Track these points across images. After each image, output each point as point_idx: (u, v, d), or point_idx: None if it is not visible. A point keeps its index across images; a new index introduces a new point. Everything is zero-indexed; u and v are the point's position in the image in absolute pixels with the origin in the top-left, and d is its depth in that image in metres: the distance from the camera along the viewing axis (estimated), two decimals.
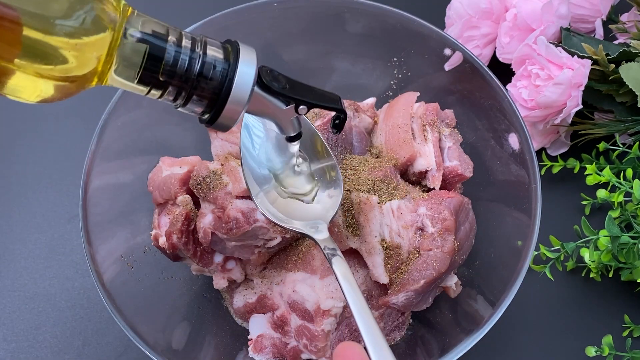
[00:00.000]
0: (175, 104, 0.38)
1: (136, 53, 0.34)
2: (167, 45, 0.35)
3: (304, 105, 0.41)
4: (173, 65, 0.35)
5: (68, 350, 0.60)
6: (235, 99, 0.37)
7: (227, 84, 0.36)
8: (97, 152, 0.54)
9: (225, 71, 0.36)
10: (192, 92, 0.36)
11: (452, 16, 0.70)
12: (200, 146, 0.60)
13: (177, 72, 0.35)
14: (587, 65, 0.61)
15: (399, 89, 0.64)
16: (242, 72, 0.36)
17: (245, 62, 0.37)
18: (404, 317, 0.54)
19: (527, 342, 0.60)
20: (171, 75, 0.35)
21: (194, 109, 0.38)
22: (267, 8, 0.61)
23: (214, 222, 0.50)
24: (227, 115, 0.37)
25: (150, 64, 0.35)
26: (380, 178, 0.53)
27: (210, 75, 0.36)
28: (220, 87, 0.36)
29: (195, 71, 0.36)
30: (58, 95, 0.34)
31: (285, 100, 0.40)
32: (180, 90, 0.36)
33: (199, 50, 0.36)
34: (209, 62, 0.36)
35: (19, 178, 0.69)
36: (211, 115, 0.38)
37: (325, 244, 0.45)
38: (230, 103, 0.37)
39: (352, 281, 0.41)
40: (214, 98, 0.37)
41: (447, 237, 0.50)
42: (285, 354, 0.51)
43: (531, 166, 0.53)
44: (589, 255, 0.58)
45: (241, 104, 0.37)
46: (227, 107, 0.37)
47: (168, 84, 0.36)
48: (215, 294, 0.58)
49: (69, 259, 0.64)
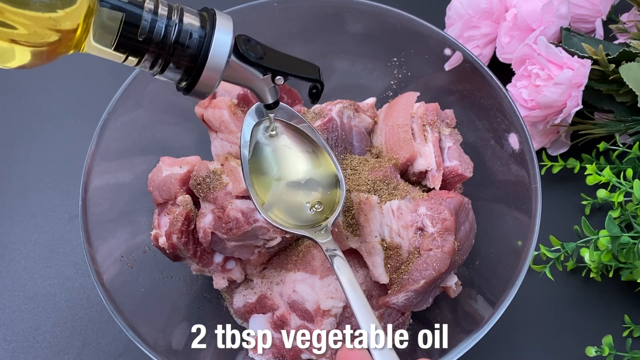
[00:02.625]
0: (153, 72, 0.38)
1: (113, 20, 0.35)
2: (144, 13, 0.35)
3: (280, 76, 0.41)
4: (149, 32, 0.36)
5: (68, 350, 0.60)
6: (211, 67, 0.37)
7: (203, 52, 0.37)
8: (97, 152, 0.54)
9: (202, 39, 0.37)
10: (168, 59, 0.37)
11: (452, 16, 0.70)
12: (200, 146, 0.60)
13: (154, 40, 0.36)
14: (587, 65, 0.61)
15: (399, 89, 0.64)
16: (219, 40, 0.37)
17: (221, 31, 0.37)
18: (404, 317, 0.54)
19: (527, 342, 0.60)
20: (147, 42, 0.36)
21: (171, 76, 0.38)
22: (267, 8, 0.61)
23: (214, 222, 0.50)
24: (204, 82, 0.38)
25: (126, 31, 0.35)
26: (380, 178, 0.53)
27: (186, 43, 0.37)
28: (196, 54, 0.37)
29: (172, 39, 0.36)
30: (35, 62, 0.35)
31: (262, 70, 0.40)
32: (157, 57, 0.37)
33: (176, 18, 0.36)
34: (186, 29, 0.37)
35: (19, 178, 0.69)
36: (188, 83, 0.38)
37: (327, 247, 0.45)
38: (207, 70, 0.37)
39: (355, 285, 0.41)
40: (190, 66, 0.37)
41: (447, 237, 0.50)
42: (285, 354, 0.51)
43: (531, 166, 0.53)
44: (589, 255, 0.58)
45: (217, 71, 0.37)
46: (204, 75, 0.37)
47: (145, 51, 0.36)
48: (215, 294, 0.58)
49: (69, 259, 0.64)
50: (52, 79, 0.75)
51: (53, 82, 0.75)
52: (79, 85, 0.75)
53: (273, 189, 0.49)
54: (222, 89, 0.58)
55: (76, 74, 0.75)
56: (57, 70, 0.75)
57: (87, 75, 0.75)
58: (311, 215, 0.48)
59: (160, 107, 0.60)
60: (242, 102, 0.58)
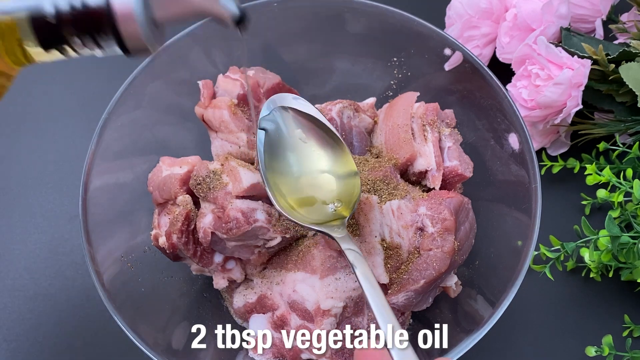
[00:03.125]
0: (95, 52, 0.36)
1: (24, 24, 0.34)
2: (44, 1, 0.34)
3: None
4: (57, 14, 0.34)
5: (68, 350, 0.60)
6: (124, 17, 0.34)
7: (108, 5, 0.33)
8: (97, 152, 0.54)
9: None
10: (92, 32, 0.34)
11: (452, 16, 0.70)
12: (200, 146, 0.60)
13: (64, 20, 0.34)
14: (587, 65, 0.61)
15: (399, 89, 0.64)
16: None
17: None
18: (404, 317, 0.54)
19: (527, 342, 0.60)
20: (59, 25, 0.34)
21: (110, 46, 0.35)
22: (267, 8, 0.61)
23: (214, 222, 0.50)
24: (130, 36, 0.34)
25: (37, 27, 0.34)
26: (380, 178, 0.53)
27: (92, 4, 0.34)
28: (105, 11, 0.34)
29: (77, 7, 0.34)
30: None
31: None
32: (80, 35, 0.34)
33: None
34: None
35: (19, 178, 0.69)
36: (118, 43, 0.35)
37: (343, 242, 0.45)
38: (122, 23, 0.34)
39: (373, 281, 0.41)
40: (110, 25, 0.34)
41: (447, 237, 0.50)
42: (285, 354, 0.51)
43: (531, 166, 0.53)
44: (589, 255, 0.58)
45: (133, 18, 0.34)
46: (123, 28, 0.34)
47: (65, 35, 0.34)
48: (215, 294, 0.58)
49: (69, 259, 0.64)
50: (52, 79, 0.75)
51: (53, 82, 0.75)
52: (79, 85, 0.75)
53: (289, 183, 0.49)
54: (222, 89, 0.58)
55: (76, 74, 0.75)
56: (58, 70, 0.75)
57: (87, 75, 0.75)
58: (329, 212, 0.48)
59: (160, 107, 0.60)
60: (242, 102, 0.58)
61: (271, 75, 0.61)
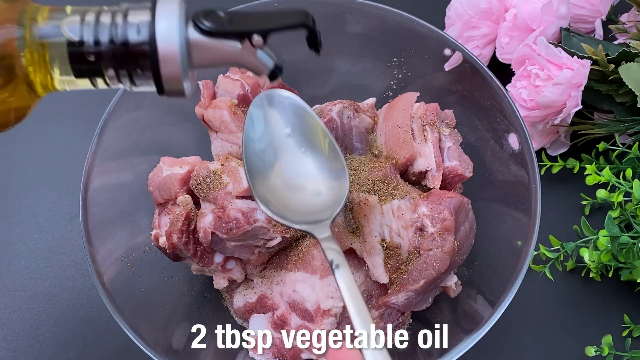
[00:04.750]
0: (127, 86, 0.35)
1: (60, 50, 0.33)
2: (84, 28, 0.33)
3: (257, 36, 0.35)
4: (96, 46, 0.33)
5: (68, 350, 0.60)
6: (166, 55, 0.33)
7: (152, 44, 0.33)
8: (97, 152, 0.54)
9: (148, 31, 0.33)
10: (128, 67, 0.34)
11: (452, 16, 0.70)
12: (200, 146, 0.60)
13: (103, 52, 0.33)
14: (586, 66, 0.61)
15: (399, 89, 0.64)
16: (163, 24, 0.33)
17: (164, 11, 0.33)
18: (404, 317, 0.54)
19: (527, 342, 0.60)
20: (98, 57, 0.33)
21: (144, 83, 0.35)
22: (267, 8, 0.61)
23: (214, 222, 0.50)
24: (169, 75, 0.34)
25: (74, 55, 0.33)
26: (380, 178, 0.53)
27: (135, 42, 0.33)
28: (148, 50, 0.33)
29: (118, 42, 0.33)
30: None
31: (237, 38, 0.35)
32: (117, 69, 0.34)
33: (119, 21, 0.33)
34: (131, 27, 0.33)
35: (19, 178, 0.69)
36: (155, 83, 0.34)
37: (325, 242, 0.44)
38: (163, 61, 0.33)
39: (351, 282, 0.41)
40: (151, 65, 0.33)
41: (447, 237, 0.50)
42: (285, 353, 0.51)
43: (531, 166, 0.53)
44: (588, 255, 0.58)
45: (174, 58, 0.33)
46: (164, 67, 0.33)
47: (101, 67, 0.34)
48: (215, 294, 0.58)
49: (70, 259, 0.64)
50: None
51: None
52: None
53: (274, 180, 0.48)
54: (223, 89, 0.58)
55: None
56: None
57: None
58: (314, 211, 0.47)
59: (160, 107, 0.60)
60: (242, 102, 0.58)
61: None
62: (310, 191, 0.48)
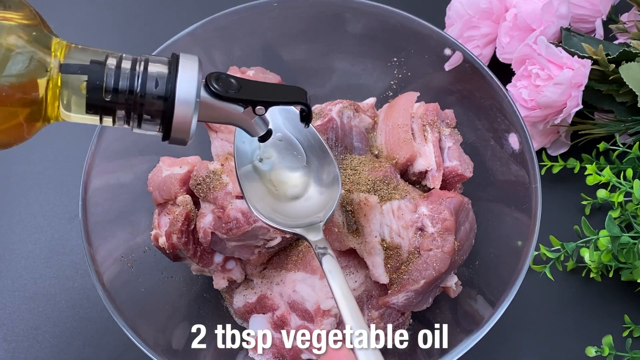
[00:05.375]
0: (130, 127, 0.38)
1: (77, 85, 0.35)
2: (106, 71, 0.35)
3: (260, 106, 0.40)
4: (115, 89, 0.36)
5: (68, 350, 0.60)
6: (181, 112, 0.36)
7: (169, 99, 0.36)
8: (97, 152, 0.54)
9: (166, 85, 0.36)
10: (140, 112, 0.37)
11: (452, 16, 0.70)
12: (200, 146, 0.60)
13: (120, 95, 0.36)
14: (587, 65, 0.61)
15: (399, 89, 0.64)
16: (183, 85, 0.36)
17: (185, 73, 0.36)
18: (404, 317, 0.54)
19: (527, 342, 0.60)
20: (115, 99, 0.36)
21: (149, 128, 0.38)
22: (267, 8, 0.61)
23: (214, 222, 0.50)
24: (178, 128, 0.37)
25: (92, 93, 0.35)
26: (380, 178, 0.53)
27: (152, 93, 0.36)
28: (163, 102, 0.36)
29: (137, 90, 0.36)
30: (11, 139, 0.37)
31: (241, 104, 0.39)
32: (129, 112, 0.36)
33: (139, 69, 0.36)
34: (150, 79, 0.36)
35: (19, 178, 0.69)
36: (163, 131, 0.38)
37: (317, 245, 0.44)
38: (177, 117, 0.36)
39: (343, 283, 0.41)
40: (162, 115, 0.37)
41: (447, 237, 0.50)
42: (285, 354, 0.51)
43: (531, 166, 0.53)
44: (589, 255, 0.58)
45: (188, 116, 0.37)
46: (176, 121, 0.37)
47: (115, 108, 0.36)
48: (215, 294, 0.58)
49: (69, 259, 0.64)
50: None
51: None
52: None
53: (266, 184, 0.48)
54: None
55: None
56: None
57: None
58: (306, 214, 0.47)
59: None
60: None
61: (271, 75, 0.61)
62: (302, 195, 0.49)
